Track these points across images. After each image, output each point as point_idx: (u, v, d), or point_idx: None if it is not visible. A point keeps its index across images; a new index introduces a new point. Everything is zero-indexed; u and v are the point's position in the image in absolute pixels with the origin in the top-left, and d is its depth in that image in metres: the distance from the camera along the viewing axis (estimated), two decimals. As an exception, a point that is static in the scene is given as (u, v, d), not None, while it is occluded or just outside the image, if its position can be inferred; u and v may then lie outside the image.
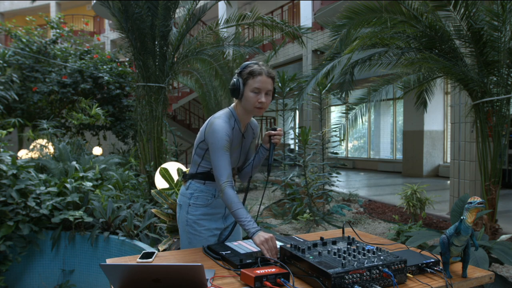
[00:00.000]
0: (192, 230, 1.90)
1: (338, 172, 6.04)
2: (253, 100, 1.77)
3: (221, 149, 1.76)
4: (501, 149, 3.86)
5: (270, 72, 1.80)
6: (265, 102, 1.78)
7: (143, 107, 5.49)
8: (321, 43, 9.87)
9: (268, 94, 1.80)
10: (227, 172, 1.75)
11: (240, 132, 1.91)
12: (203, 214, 1.89)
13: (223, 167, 1.75)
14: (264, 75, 1.77)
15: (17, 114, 9.53)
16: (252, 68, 1.78)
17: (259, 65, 1.81)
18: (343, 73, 4.83)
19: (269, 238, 1.55)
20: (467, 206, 1.33)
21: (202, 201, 1.90)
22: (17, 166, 3.66)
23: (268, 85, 1.78)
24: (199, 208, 1.90)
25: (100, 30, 20.24)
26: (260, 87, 1.76)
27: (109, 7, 5.20)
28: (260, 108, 1.79)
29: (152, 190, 3.23)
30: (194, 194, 1.91)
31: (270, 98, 1.82)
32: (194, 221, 1.89)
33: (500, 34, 3.65)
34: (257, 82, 1.76)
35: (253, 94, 1.77)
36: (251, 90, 1.77)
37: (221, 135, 1.77)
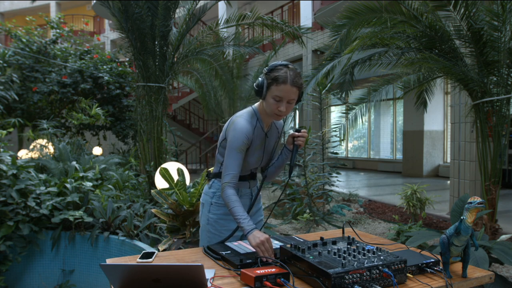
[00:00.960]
0: (212, 229, 1.88)
1: (338, 172, 6.04)
2: (273, 107, 1.72)
3: (235, 149, 1.75)
4: (501, 149, 3.86)
5: (296, 81, 1.69)
6: (285, 112, 1.72)
7: (143, 107, 5.49)
8: (321, 43, 9.87)
9: (290, 102, 1.72)
10: (232, 173, 1.74)
11: (263, 131, 1.87)
12: (224, 213, 1.87)
13: (231, 167, 1.74)
14: (288, 84, 1.67)
15: (17, 114, 9.53)
16: (278, 74, 1.68)
17: (289, 68, 1.71)
18: (343, 73, 4.83)
19: (264, 239, 1.52)
20: (467, 206, 1.33)
21: None
22: (17, 166, 3.66)
23: (291, 94, 1.69)
24: (221, 207, 1.88)
25: (100, 30, 20.24)
26: (281, 96, 1.68)
27: (109, 7, 5.20)
28: (279, 115, 1.75)
29: (152, 190, 3.23)
30: (216, 193, 1.89)
31: (292, 106, 1.74)
32: (215, 220, 1.88)
33: (500, 34, 3.65)
34: (279, 91, 1.68)
35: (274, 101, 1.71)
36: (273, 96, 1.70)
37: (240, 135, 1.75)
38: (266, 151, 1.93)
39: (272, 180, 2.03)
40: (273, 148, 1.98)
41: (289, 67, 1.72)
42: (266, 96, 1.73)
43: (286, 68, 1.71)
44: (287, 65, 1.73)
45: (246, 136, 1.76)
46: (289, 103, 1.72)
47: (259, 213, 2.08)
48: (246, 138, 1.76)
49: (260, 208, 2.10)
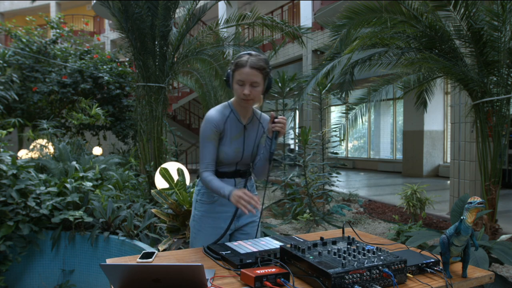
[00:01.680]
0: (197, 226, 1.93)
1: (338, 172, 6.04)
2: (238, 91, 1.79)
3: (205, 139, 1.83)
4: (501, 149, 3.86)
5: (255, 63, 1.74)
6: (250, 94, 1.76)
7: (143, 107, 5.49)
8: (321, 43, 9.87)
9: (254, 86, 1.76)
10: (206, 162, 1.83)
11: (240, 122, 1.89)
12: (207, 211, 1.91)
13: (204, 156, 1.84)
14: (248, 67, 1.73)
15: (17, 114, 9.53)
16: (238, 60, 1.77)
17: (251, 55, 1.77)
18: (343, 73, 4.83)
19: (242, 194, 1.63)
20: (467, 206, 1.33)
21: (208, 197, 1.92)
22: (17, 166, 3.66)
23: (252, 77, 1.74)
24: (204, 204, 1.92)
25: (100, 30, 20.24)
26: (243, 79, 1.75)
27: (109, 7, 5.20)
28: (246, 100, 1.79)
29: (152, 190, 3.23)
30: (201, 190, 1.94)
31: (258, 89, 1.78)
32: (199, 217, 1.93)
33: (500, 34, 3.65)
34: (240, 74, 1.75)
35: (238, 86, 1.78)
36: (236, 82, 1.78)
37: (207, 124, 1.83)
38: (247, 144, 1.91)
39: (262, 177, 1.95)
40: (255, 142, 1.95)
41: (252, 54, 1.79)
42: (232, 83, 1.81)
43: (248, 55, 1.78)
44: (249, 52, 1.80)
45: (213, 124, 1.82)
46: (253, 86, 1.76)
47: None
48: (214, 126, 1.82)
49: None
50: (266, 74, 1.80)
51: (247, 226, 1.99)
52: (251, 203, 1.65)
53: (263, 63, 1.78)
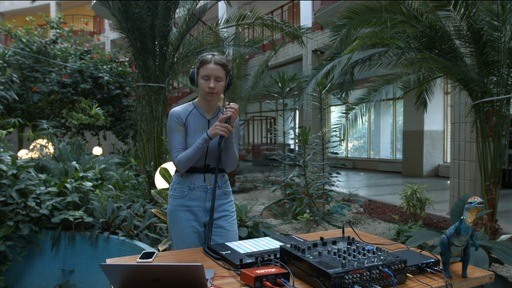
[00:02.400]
0: (171, 219, 2.02)
1: (338, 172, 6.04)
2: (203, 86, 1.94)
3: (171, 132, 1.98)
4: (501, 149, 3.86)
5: (219, 60, 1.94)
6: (215, 87, 1.92)
7: (143, 107, 5.49)
8: (321, 43, 9.87)
9: (218, 80, 1.94)
10: (177, 148, 1.95)
11: (203, 117, 2.03)
12: (179, 205, 1.99)
13: (173, 145, 1.96)
14: (212, 63, 1.92)
15: (17, 114, 9.54)
16: (203, 58, 1.95)
17: (213, 55, 1.96)
18: (343, 73, 4.83)
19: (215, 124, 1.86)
20: (467, 206, 1.32)
21: (178, 192, 2.00)
22: (17, 166, 3.66)
23: (217, 71, 1.92)
24: (175, 199, 2.01)
25: (100, 30, 20.24)
26: (208, 74, 1.92)
27: (109, 7, 5.20)
28: (211, 93, 1.94)
29: (152, 190, 3.23)
30: (173, 186, 2.04)
31: (221, 84, 1.95)
32: (171, 211, 2.02)
33: (500, 34, 3.65)
34: (205, 70, 1.92)
35: (203, 80, 1.94)
36: (201, 77, 1.94)
37: (170, 118, 1.98)
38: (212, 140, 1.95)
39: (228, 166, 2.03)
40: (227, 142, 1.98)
41: (215, 54, 1.98)
42: (198, 80, 1.97)
43: (211, 55, 1.97)
44: (212, 53, 1.98)
45: (175, 116, 1.97)
46: (217, 81, 1.94)
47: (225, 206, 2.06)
48: (175, 117, 1.97)
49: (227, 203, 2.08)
50: (228, 71, 1.98)
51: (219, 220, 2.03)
52: (224, 126, 1.85)
53: (225, 61, 1.98)
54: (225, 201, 2.08)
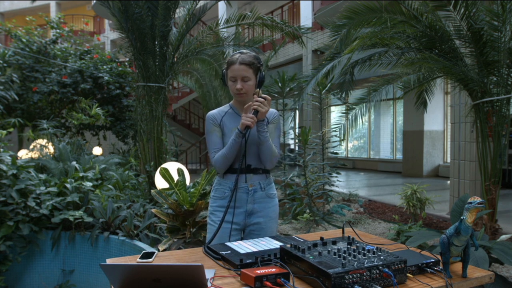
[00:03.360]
0: (210, 221, 2.00)
1: (338, 172, 6.04)
2: (232, 88, 1.93)
3: (208, 134, 1.98)
4: (501, 149, 3.86)
5: (244, 59, 1.88)
6: (242, 88, 1.89)
7: (143, 107, 5.49)
8: (321, 43, 9.87)
9: (245, 80, 1.90)
10: (214, 148, 1.94)
11: (239, 115, 2.00)
12: (219, 206, 1.98)
13: (210, 145, 1.96)
14: (237, 63, 1.88)
15: (17, 114, 9.53)
16: (230, 59, 1.92)
17: (241, 53, 1.92)
18: (343, 73, 4.83)
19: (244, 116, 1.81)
20: (467, 206, 1.32)
21: (219, 193, 1.98)
22: (17, 166, 3.66)
23: (242, 72, 1.88)
24: (217, 200, 1.99)
25: (100, 30, 20.24)
26: (234, 75, 1.89)
27: (109, 7, 5.20)
28: (239, 94, 1.91)
29: (152, 190, 3.23)
30: (214, 187, 2.03)
31: (250, 83, 1.91)
32: (211, 212, 2.00)
33: (500, 34, 3.65)
34: (232, 71, 1.90)
35: (231, 82, 1.92)
36: (229, 79, 1.93)
37: (207, 121, 1.99)
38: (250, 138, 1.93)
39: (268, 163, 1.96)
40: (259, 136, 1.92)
41: (243, 52, 1.93)
42: (227, 82, 1.95)
43: (240, 53, 1.92)
44: (241, 51, 1.94)
45: (210, 118, 1.98)
46: (244, 81, 1.90)
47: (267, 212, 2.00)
48: (211, 119, 1.98)
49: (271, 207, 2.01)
50: (256, 69, 1.92)
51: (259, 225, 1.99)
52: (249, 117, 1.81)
53: (252, 58, 1.91)
54: (269, 204, 2.01)
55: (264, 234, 1.97)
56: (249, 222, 1.99)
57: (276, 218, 2.05)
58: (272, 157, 1.94)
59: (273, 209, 2.03)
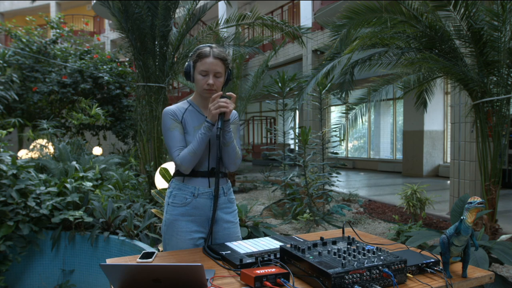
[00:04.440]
0: (169, 231, 1.79)
1: (338, 172, 6.04)
2: (201, 82, 1.77)
3: (167, 131, 1.78)
4: (501, 149, 3.86)
5: (219, 54, 1.76)
6: (214, 84, 1.75)
7: (143, 107, 5.50)
8: (321, 43, 9.87)
9: (217, 76, 1.76)
10: (177, 146, 1.75)
11: (201, 114, 1.84)
12: (180, 214, 1.78)
13: (173, 145, 1.76)
14: (211, 57, 1.74)
15: (17, 114, 9.54)
16: (201, 51, 1.76)
17: (211, 47, 1.78)
18: (343, 73, 4.83)
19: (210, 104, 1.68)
20: (467, 206, 1.32)
21: (180, 199, 1.78)
22: (17, 166, 3.66)
23: (216, 67, 1.75)
24: (176, 207, 1.78)
25: (100, 30, 20.25)
26: (207, 69, 1.74)
27: (109, 7, 5.20)
28: (209, 90, 1.76)
29: (152, 190, 3.23)
30: (172, 192, 1.81)
31: (221, 80, 1.78)
32: (170, 222, 1.78)
33: (500, 34, 3.65)
34: (203, 65, 1.74)
35: (201, 76, 1.76)
36: (199, 72, 1.76)
37: (164, 117, 1.79)
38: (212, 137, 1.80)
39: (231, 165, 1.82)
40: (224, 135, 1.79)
41: (213, 46, 1.79)
42: (194, 75, 1.78)
43: (209, 47, 1.78)
44: (210, 45, 1.80)
45: (169, 113, 1.78)
46: (216, 77, 1.76)
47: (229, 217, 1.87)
48: (170, 115, 1.78)
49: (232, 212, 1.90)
50: (227, 66, 1.80)
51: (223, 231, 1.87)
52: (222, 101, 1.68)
53: (225, 54, 1.80)
54: (230, 210, 1.89)
55: (229, 240, 1.83)
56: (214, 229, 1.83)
57: (238, 223, 1.93)
58: (236, 158, 1.81)
59: (234, 214, 1.91)
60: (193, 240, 1.78)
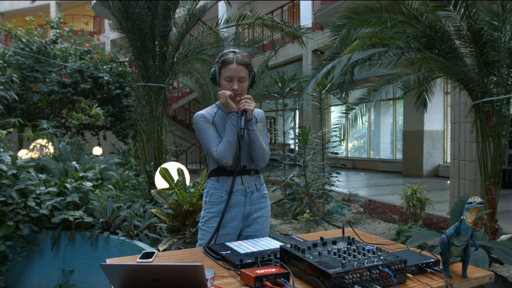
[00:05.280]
0: (205, 228, 1.91)
1: (338, 172, 6.04)
2: (227, 88, 1.86)
3: (202, 131, 1.87)
4: (501, 149, 3.86)
5: (242, 60, 1.85)
6: (238, 89, 1.85)
7: (143, 107, 5.50)
8: (321, 43, 9.87)
9: (241, 81, 1.86)
10: (214, 145, 1.84)
11: None
12: (218, 211, 1.89)
13: (209, 142, 1.85)
14: (235, 63, 1.84)
15: (17, 114, 9.54)
16: (225, 58, 1.86)
17: (235, 53, 1.88)
18: (343, 73, 4.83)
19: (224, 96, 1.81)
20: (467, 206, 1.32)
21: (216, 198, 1.90)
22: (17, 166, 3.66)
23: (240, 72, 1.85)
24: (213, 206, 1.91)
25: (100, 30, 20.25)
26: (231, 75, 1.84)
27: (109, 7, 5.20)
28: (235, 94, 1.86)
29: (152, 190, 3.23)
30: (209, 192, 1.94)
31: (245, 84, 1.88)
32: (208, 219, 1.91)
33: (500, 34, 3.65)
34: (228, 71, 1.84)
35: (226, 82, 1.86)
36: (224, 78, 1.87)
37: (196, 120, 1.89)
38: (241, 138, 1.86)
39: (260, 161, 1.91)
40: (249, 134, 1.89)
41: (236, 52, 1.89)
42: (220, 81, 1.89)
43: (233, 52, 1.88)
44: (233, 50, 1.90)
45: (200, 116, 1.89)
46: (240, 82, 1.86)
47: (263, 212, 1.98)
48: (201, 117, 1.89)
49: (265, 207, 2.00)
50: (250, 70, 1.91)
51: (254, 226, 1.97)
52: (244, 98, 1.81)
53: (248, 59, 1.90)
54: (264, 204, 2.00)
55: (261, 235, 1.95)
56: (246, 224, 1.96)
57: (270, 218, 2.05)
58: (264, 155, 1.90)
59: (267, 209, 2.03)
60: (228, 235, 1.88)
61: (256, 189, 1.96)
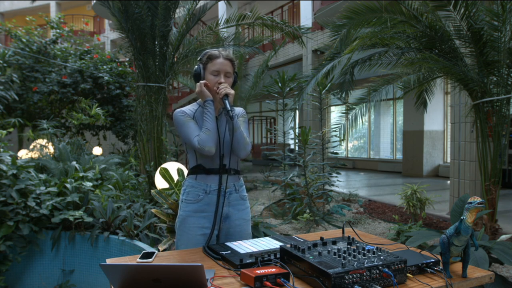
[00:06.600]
0: (182, 227, 1.87)
1: (338, 172, 6.04)
2: (213, 82, 1.87)
3: (182, 125, 1.84)
4: (501, 149, 3.86)
5: (228, 55, 1.90)
6: (225, 83, 1.85)
7: (143, 107, 5.50)
8: (321, 43, 9.87)
9: (227, 76, 1.89)
10: (194, 136, 1.81)
11: None
12: (194, 210, 1.85)
13: (190, 133, 1.82)
14: (222, 58, 1.87)
15: (17, 114, 9.54)
16: (211, 53, 1.89)
17: (219, 50, 1.91)
18: (343, 73, 4.83)
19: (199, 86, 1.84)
20: (467, 206, 1.32)
21: (193, 196, 1.86)
22: (17, 166, 3.66)
23: (227, 67, 1.87)
24: (189, 204, 1.86)
25: (100, 30, 20.25)
26: (218, 69, 1.86)
27: (109, 7, 5.20)
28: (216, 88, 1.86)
29: (152, 190, 3.23)
30: (186, 189, 1.90)
31: (230, 80, 1.90)
32: (184, 218, 1.86)
33: (500, 34, 3.65)
34: (215, 65, 1.86)
35: (213, 76, 1.87)
36: (211, 73, 1.87)
37: (176, 115, 1.86)
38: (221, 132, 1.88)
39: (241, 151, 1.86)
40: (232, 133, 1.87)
41: (220, 50, 1.92)
42: (205, 76, 1.90)
43: (217, 50, 1.91)
44: (217, 49, 1.93)
45: (180, 112, 1.87)
46: (226, 77, 1.88)
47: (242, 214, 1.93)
48: (181, 112, 1.87)
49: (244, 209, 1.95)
50: (235, 67, 1.94)
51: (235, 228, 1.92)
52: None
53: (233, 56, 1.94)
54: (243, 206, 1.95)
55: (240, 238, 1.89)
56: (225, 226, 1.90)
57: (250, 220, 1.99)
58: (245, 144, 1.86)
59: (246, 211, 1.97)
60: (204, 236, 1.83)
61: (234, 190, 1.91)
